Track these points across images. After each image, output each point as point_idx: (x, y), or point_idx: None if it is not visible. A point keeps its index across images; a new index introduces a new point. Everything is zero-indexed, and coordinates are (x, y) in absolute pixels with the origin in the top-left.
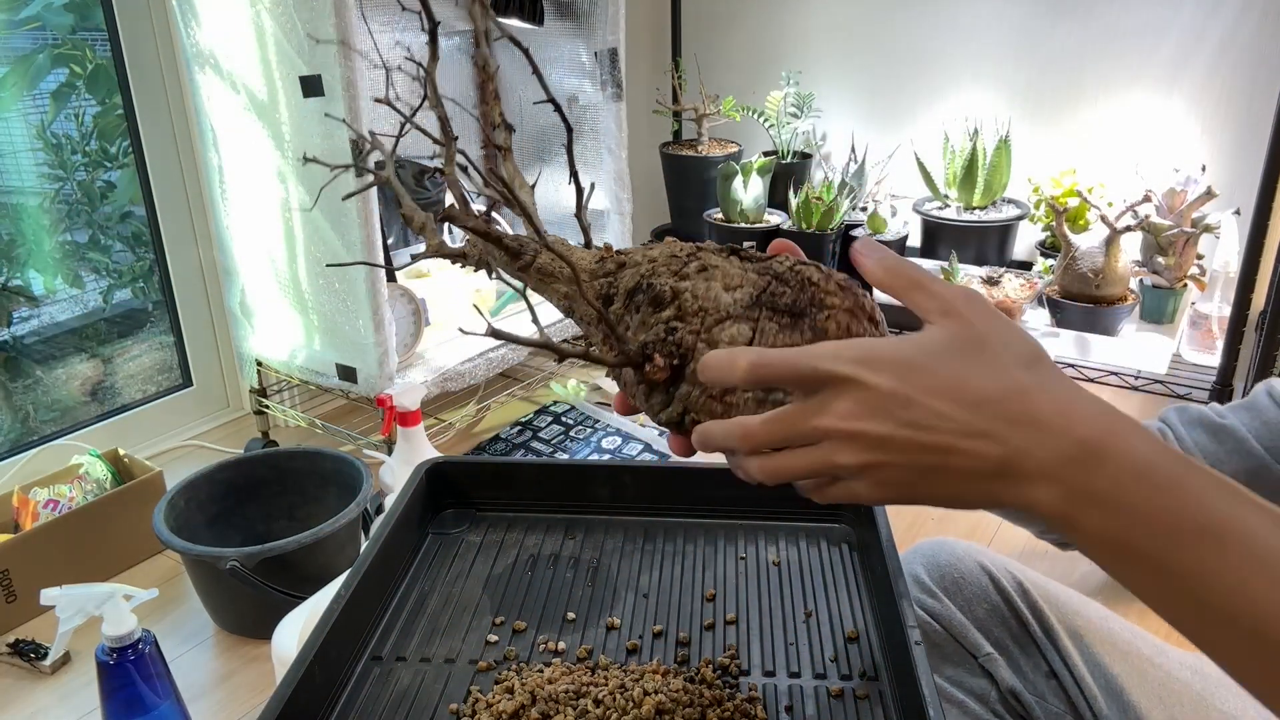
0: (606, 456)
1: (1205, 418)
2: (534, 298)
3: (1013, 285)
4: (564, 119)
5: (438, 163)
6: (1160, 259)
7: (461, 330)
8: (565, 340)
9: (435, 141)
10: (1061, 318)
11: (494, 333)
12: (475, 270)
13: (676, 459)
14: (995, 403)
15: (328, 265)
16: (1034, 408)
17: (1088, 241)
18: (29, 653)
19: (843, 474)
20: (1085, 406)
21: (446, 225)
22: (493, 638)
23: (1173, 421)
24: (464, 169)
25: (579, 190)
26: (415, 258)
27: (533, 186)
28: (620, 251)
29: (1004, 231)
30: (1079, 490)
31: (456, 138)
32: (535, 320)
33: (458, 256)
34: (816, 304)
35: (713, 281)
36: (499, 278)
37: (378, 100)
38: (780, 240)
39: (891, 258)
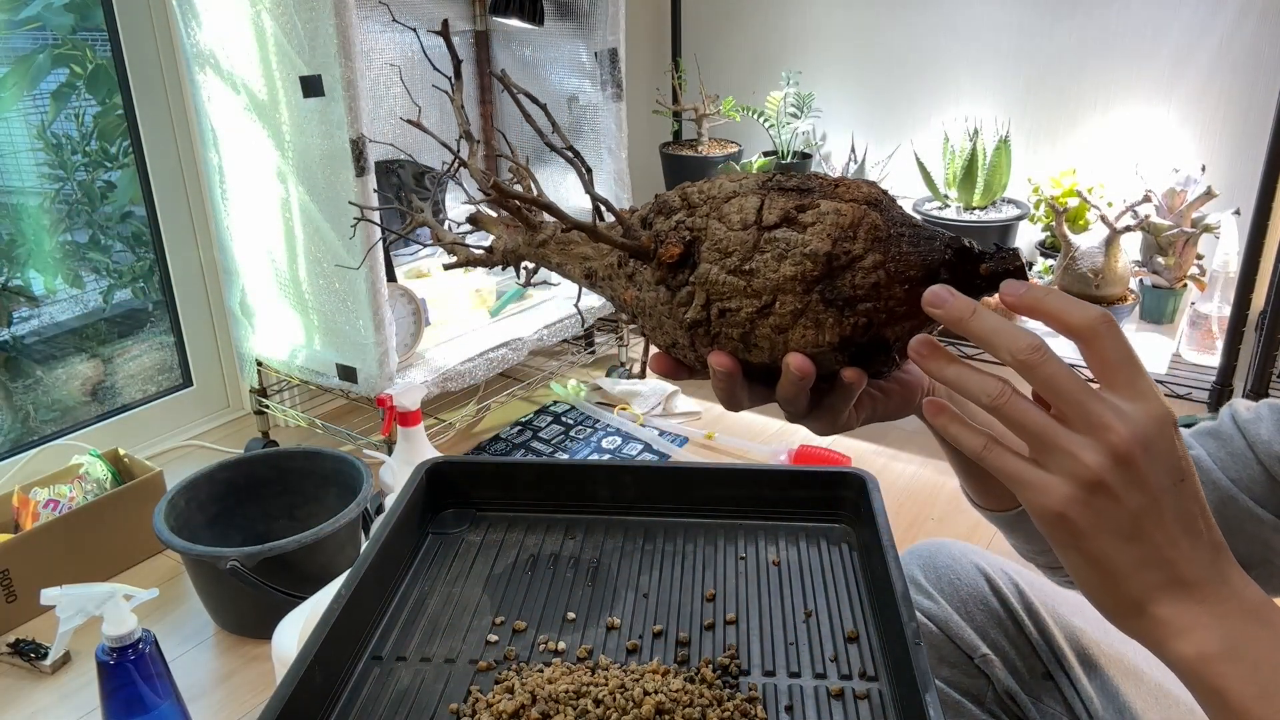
0: (606, 456)
1: None
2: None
3: None
4: (553, 122)
5: (447, 165)
6: (1160, 259)
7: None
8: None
9: (465, 135)
10: None
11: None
12: (504, 267)
13: (676, 460)
14: (1217, 531)
15: (336, 265)
16: (1229, 554)
17: (1088, 241)
18: (29, 653)
19: (1062, 468)
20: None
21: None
22: (493, 638)
23: None
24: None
25: (586, 168)
26: (447, 267)
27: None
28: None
29: (1004, 232)
30: (1223, 629)
31: (479, 141)
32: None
33: (485, 261)
34: (823, 185)
35: (718, 180)
36: (525, 273)
37: (407, 121)
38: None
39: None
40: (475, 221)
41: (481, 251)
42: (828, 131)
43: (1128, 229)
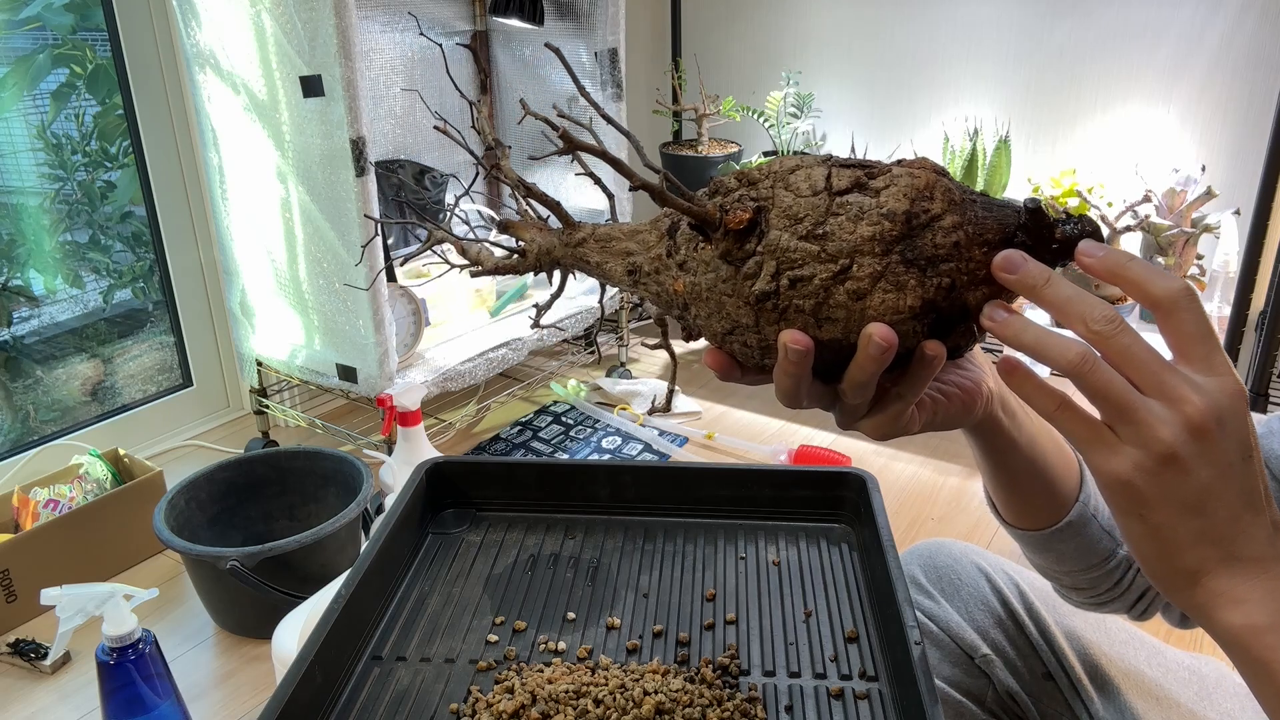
0: (606, 456)
1: None
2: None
3: None
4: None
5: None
6: (1160, 259)
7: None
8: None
9: (495, 143)
10: None
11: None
12: (535, 274)
13: (676, 460)
14: (1275, 508)
15: (344, 284)
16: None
17: None
18: (29, 653)
19: (1136, 437)
20: None
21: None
22: (493, 638)
23: None
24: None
25: (636, 144)
26: (474, 274)
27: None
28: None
29: None
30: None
31: (509, 146)
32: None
33: (514, 267)
34: (884, 169)
35: (775, 160)
36: (556, 277)
37: (437, 128)
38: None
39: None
40: (506, 228)
41: (512, 257)
42: (828, 131)
43: (1128, 229)
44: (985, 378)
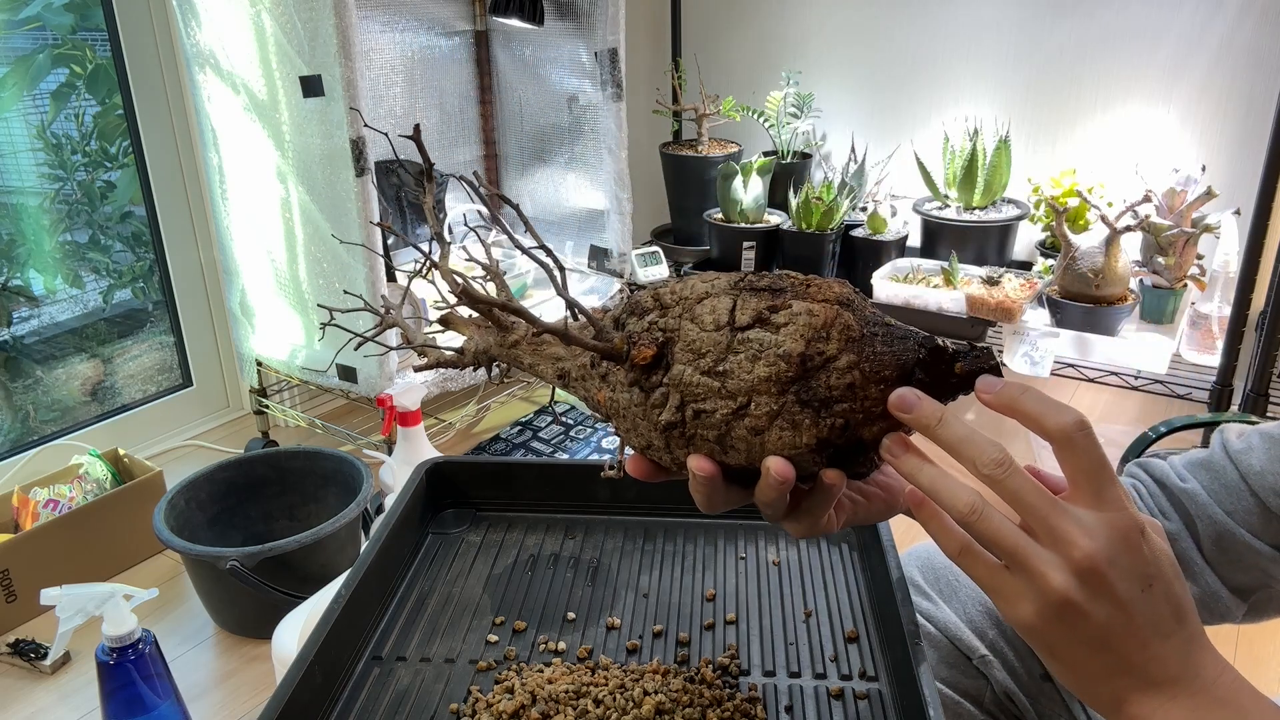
0: (606, 456)
1: (1167, 481)
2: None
3: (1013, 285)
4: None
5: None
6: (1160, 259)
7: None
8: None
9: (436, 237)
10: (1061, 318)
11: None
12: (475, 369)
13: None
14: (1193, 621)
15: (334, 237)
16: (1204, 642)
17: (1088, 241)
18: (29, 653)
19: (1031, 585)
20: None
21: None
22: (493, 638)
23: (1142, 478)
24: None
25: (560, 267)
26: (418, 369)
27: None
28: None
29: (1004, 231)
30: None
31: (450, 244)
32: (563, 295)
33: (456, 362)
34: (795, 285)
35: (689, 281)
36: (498, 373)
37: (380, 224)
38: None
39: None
40: (446, 323)
41: (452, 353)
42: (828, 131)
43: (1128, 229)
44: None
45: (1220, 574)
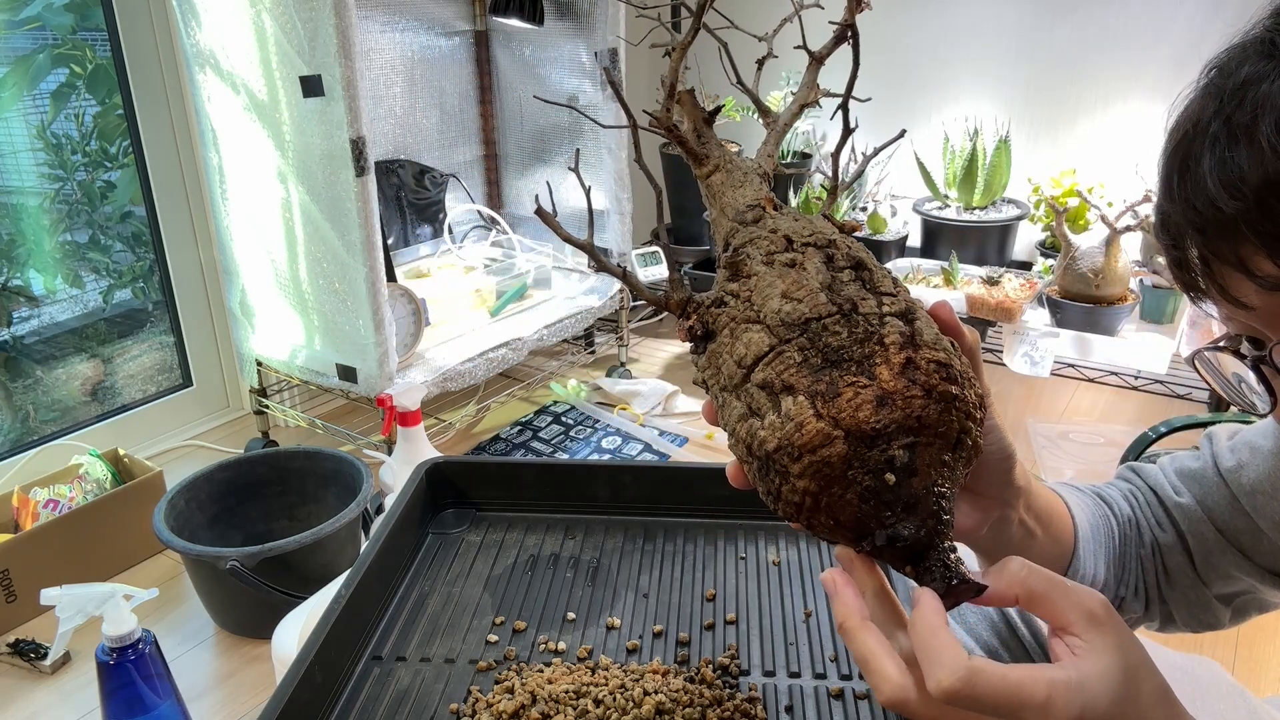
0: (606, 456)
1: (1162, 493)
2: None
3: (1013, 285)
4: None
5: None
6: (1160, 259)
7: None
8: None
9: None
10: (1061, 318)
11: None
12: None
13: (676, 460)
14: None
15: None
16: None
17: (1088, 241)
18: (29, 653)
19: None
20: None
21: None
22: (493, 638)
23: (1139, 486)
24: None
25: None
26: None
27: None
28: (778, 206)
29: (1004, 231)
30: None
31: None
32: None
33: (658, 302)
34: (861, 362)
35: (782, 280)
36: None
37: (645, 128)
38: (941, 303)
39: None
40: (679, 101)
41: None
42: (828, 131)
43: (1128, 229)
44: (1015, 497)
45: (1210, 586)
